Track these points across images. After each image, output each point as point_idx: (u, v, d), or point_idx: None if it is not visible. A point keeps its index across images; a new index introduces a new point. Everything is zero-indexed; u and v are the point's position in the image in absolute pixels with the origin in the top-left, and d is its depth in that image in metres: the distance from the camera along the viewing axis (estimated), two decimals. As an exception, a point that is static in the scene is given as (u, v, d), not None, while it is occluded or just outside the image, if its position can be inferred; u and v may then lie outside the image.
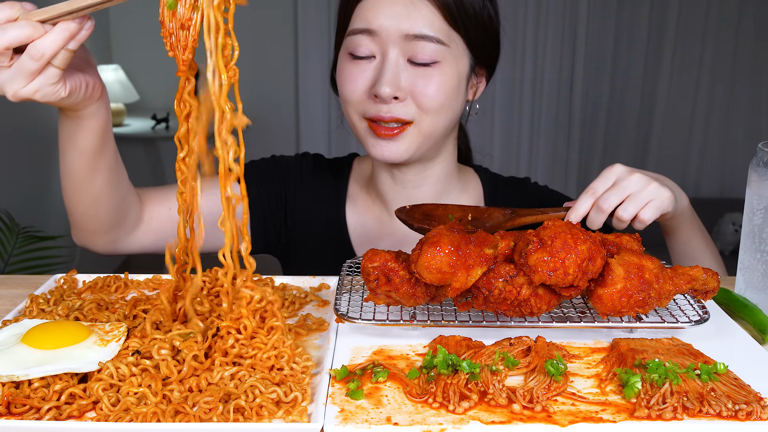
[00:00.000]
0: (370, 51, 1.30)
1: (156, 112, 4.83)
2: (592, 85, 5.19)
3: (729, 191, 5.30)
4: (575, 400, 0.88)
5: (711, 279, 1.05)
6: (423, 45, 1.27)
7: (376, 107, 1.30)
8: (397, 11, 1.26)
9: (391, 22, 1.26)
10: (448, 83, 1.31)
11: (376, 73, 1.29)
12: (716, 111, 5.20)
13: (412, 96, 1.30)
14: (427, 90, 1.29)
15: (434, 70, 1.29)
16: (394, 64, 1.28)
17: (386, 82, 1.27)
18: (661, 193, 1.19)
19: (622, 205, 1.18)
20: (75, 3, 0.92)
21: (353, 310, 1.07)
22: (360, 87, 1.31)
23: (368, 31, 1.28)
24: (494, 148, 5.27)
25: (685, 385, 0.87)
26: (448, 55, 1.30)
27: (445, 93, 1.31)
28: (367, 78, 1.31)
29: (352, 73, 1.32)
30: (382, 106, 1.30)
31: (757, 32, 5.03)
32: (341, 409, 0.85)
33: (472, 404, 0.85)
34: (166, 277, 1.25)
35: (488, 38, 1.37)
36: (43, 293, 1.16)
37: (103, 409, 0.84)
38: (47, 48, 0.93)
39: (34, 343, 0.93)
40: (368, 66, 1.31)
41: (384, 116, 1.30)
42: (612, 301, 0.97)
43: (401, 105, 1.30)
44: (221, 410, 0.82)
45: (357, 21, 1.30)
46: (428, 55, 1.27)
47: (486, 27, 1.36)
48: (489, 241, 0.99)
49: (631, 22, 5.06)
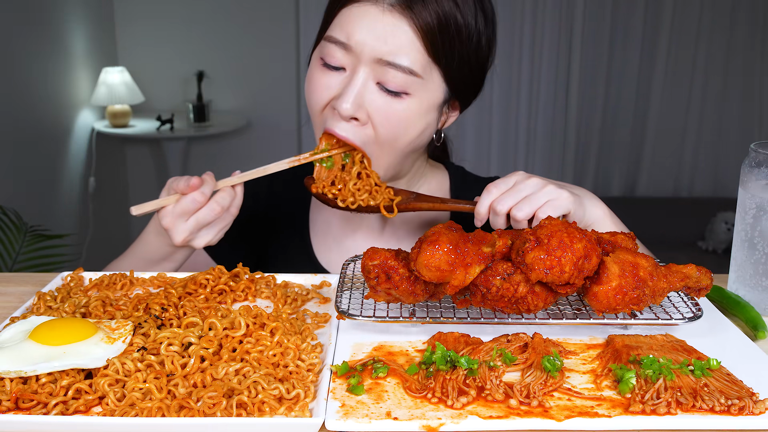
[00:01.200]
0: (341, 63, 1.22)
1: (161, 113, 4.83)
2: (587, 86, 5.18)
3: (722, 190, 5.30)
4: (571, 396, 0.88)
5: (704, 277, 1.05)
6: (394, 73, 1.18)
7: (334, 121, 1.24)
8: (378, 31, 1.17)
9: (368, 42, 1.18)
10: (412, 117, 1.23)
11: (342, 87, 1.22)
12: (709, 111, 5.20)
13: (371, 121, 1.23)
14: (387, 121, 1.22)
15: (401, 101, 1.21)
16: (361, 85, 1.20)
17: (348, 100, 1.20)
18: (559, 193, 1.17)
19: (516, 206, 1.16)
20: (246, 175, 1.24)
21: (354, 307, 1.07)
22: (324, 98, 1.24)
23: (343, 44, 1.20)
24: (491, 152, 5.26)
25: (678, 381, 0.87)
26: (420, 87, 1.21)
27: (405, 127, 1.23)
28: (332, 90, 1.23)
29: (320, 82, 1.24)
30: (340, 123, 1.23)
31: (750, 34, 5.02)
32: (342, 404, 0.85)
33: (470, 399, 0.85)
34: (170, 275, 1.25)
35: (471, 74, 1.29)
36: (50, 290, 1.16)
37: (108, 404, 0.84)
38: (239, 205, 1.24)
39: (41, 339, 0.93)
40: (336, 78, 1.23)
41: (338, 133, 1.24)
42: (607, 299, 0.97)
43: (359, 127, 1.23)
44: (224, 405, 0.82)
45: (336, 29, 1.22)
46: (398, 84, 1.19)
47: (471, 63, 1.27)
48: (487, 240, 0.99)
49: (626, 25, 5.06)
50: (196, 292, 1.15)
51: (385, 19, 1.17)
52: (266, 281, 1.22)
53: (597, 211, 1.24)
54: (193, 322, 1.00)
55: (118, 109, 4.60)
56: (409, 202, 1.28)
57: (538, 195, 1.17)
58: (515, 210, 1.17)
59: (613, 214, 1.27)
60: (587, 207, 1.23)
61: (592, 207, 1.24)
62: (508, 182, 1.20)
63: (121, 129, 4.63)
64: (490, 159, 5.23)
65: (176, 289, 1.14)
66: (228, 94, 5.17)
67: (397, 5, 1.17)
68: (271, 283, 1.23)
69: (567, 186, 1.23)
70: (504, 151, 5.30)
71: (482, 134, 5.22)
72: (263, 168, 1.25)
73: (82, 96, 4.57)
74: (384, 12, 1.17)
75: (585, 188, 1.28)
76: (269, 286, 1.21)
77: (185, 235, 1.19)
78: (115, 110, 4.60)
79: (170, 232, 1.19)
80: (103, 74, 4.52)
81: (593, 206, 1.24)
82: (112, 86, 4.49)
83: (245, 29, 5.06)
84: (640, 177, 5.27)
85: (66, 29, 4.34)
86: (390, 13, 1.17)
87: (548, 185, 1.18)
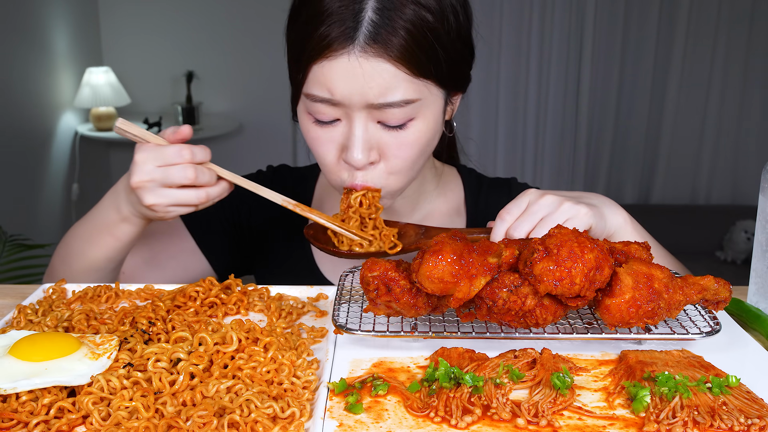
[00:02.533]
0: (333, 116, 1.21)
1: (148, 116, 4.84)
2: (599, 88, 5.19)
3: (741, 198, 5.29)
4: (582, 415, 0.88)
5: (722, 289, 1.05)
6: (392, 111, 1.17)
7: (350, 174, 1.24)
8: (359, 81, 1.15)
9: (354, 92, 1.16)
10: (423, 138, 1.23)
11: (345, 138, 1.21)
12: (728, 115, 5.20)
13: (382, 158, 1.23)
14: (399, 152, 1.22)
15: (407, 130, 1.21)
16: (363, 130, 1.19)
17: (357, 150, 1.19)
18: (577, 210, 1.16)
19: (535, 230, 1.15)
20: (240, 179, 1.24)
21: (352, 320, 1.07)
22: (331, 151, 1.24)
23: (329, 101, 1.18)
24: (498, 155, 5.26)
25: (695, 399, 0.87)
26: (421, 107, 1.20)
27: (419, 149, 1.24)
28: (336, 143, 1.23)
29: (320, 138, 1.24)
30: (356, 173, 1.23)
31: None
32: (340, 424, 0.85)
33: (476, 419, 0.85)
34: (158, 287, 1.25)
35: (462, 59, 1.27)
36: (31, 303, 1.16)
37: (93, 424, 0.84)
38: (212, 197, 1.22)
39: (21, 355, 0.93)
40: (335, 130, 1.22)
41: (357, 186, 1.24)
42: (620, 312, 0.98)
43: (374, 170, 1.24)
44: (215, 425, 0.82)
45: (314, 86, 1.18)
46: (399, 118, 1.19)
47: (459, 49, 1.25)
48: (493, 250, 1.00)
49: (640, 25, 5.07)
50: (185, 305, 1.15)
51: (361, 65, 1.14)
52: (259, 293, 1.23)
53: (618, 219, 1.24)
54: (182, 337, 1.00)
55: (102, 112, 4.61)
56: (418, 239, 1.27)
57: (555, 216, 1.15)
58: (534, 235, 1.15)
59: (633, 220, 1.26)
60: (607, 217, 1.22)
61: (612, 216, 1.23)
62: (521, 205, 1.18)
63: (106, 133, 4.64)
64: (496, 166, 5.24)
65: (164, 302, 1.14)
66: (219, 95, 5.18)
67: (366, 45, 1.14)
68: (265, 296, 1.23)
69: (583, 197, 1.22)
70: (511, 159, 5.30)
71: (488, 142, 5.22)
72: (257, 186, 1.24)
73: (65, 98, 4.58)
74: (356, 59, 1.14)
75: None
76: (262, 298, 1.22)
77: (146, 177, 1.17)
78: (100, 113, 4.61)
79: (135, 167, 1.18)
80: (87, 75, 4.53)
81: (613, 215, 1.23)
82: (97, 87, 4.51)
83: (237, 27, 5.07)
84: (654, 183, 5.27)
85: (47, 27, 4.36)
86: (363, 58, 1.14)
87: (564, 202, 1.16)
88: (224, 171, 1.22)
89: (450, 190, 1.54)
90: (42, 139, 4.35)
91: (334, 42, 1.14)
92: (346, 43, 1.14)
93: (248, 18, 5.05)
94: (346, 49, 1.14)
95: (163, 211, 1.20)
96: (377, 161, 1.23)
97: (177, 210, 1.21)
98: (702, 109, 5.18)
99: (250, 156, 5.21)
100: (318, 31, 1.16)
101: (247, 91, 5.21)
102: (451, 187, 1.54)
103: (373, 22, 1.14)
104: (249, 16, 5.05)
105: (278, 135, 5.23)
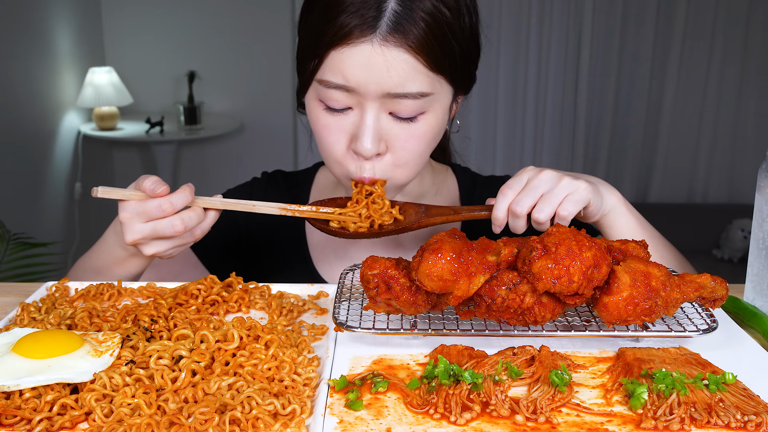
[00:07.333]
0: (345, 104, 1.21)
1: (150, 115, 4.84)
2: (597, 88, 5.19)
3: (738, 196, 5.29)
4: (580, 411, 0.88)
5: (719, 287, 1.05)
6: (406, 102, 1.18)
7: (358, 165, 1.24)
8: (378, 68, 1.15)
9: (371, 80, 1.16)
10: (431, 132, 1.24)
11: (356, 127, 1.21)
12: (724, 114, 5.19)
13: (390, 149, 1.23)
14: (407, 144, 1.23)
15: (418, 123, 1.22)
16: (376, 120, 1.20)
17: (368, 140, 1.19)
18: (576, 185, 1.18)
19: (536, 207, 1.17)
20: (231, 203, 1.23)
21: (352, 318, 1.07)
22: (341, 141, 1.24)
23: (344, 87, 1.18)
24: (497, 154, 5.26)
25: (692, 396, 0.87)
26: (433, 102, 1.21)
27: (427, 143, 1.25)
28: (346, 132, 1.23)
29: (329, 126, 1.23)
30: (364, 164, 1.23)
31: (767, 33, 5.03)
32: (340, 420, 0.85)
33: (474, 415, 0.85)
34: (160, 285, 1.25)
35: (471, 58, 1.28)
36: (35, 301, 1.16)
37: (96, 420, 0.84)
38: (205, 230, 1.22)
39: (25, 352, 0.93)
40: (345, 119, 1.22)
41: (365, 178, 1.24)
42: (618, 310, 0.98)
43: (381, 162, 1.24)
44: (217, 422, 0.82)
45: (330, 72, 1.18)
46: (411, 110, 1.20)
47: (470, 48, 1.26)
48: (492, 248, 1.00)
49: (638, 26, 5.06)
50: (187, 302, 1.15)
51: (382, 53, 1.15)
52: (260, 291, 1.23)
53: (612, 198, 1.26)
54: (183, 335, 1.00)
55: (105, 111, 4.61)
56: (420, 218, 1.26)
57: (556, 191, 1.17)
58: (536, 212, 1.17)
59: (626, 201, 1.29)
60: (604, 195, 1.25)
61: (608, 194, 1.26)
62: (521, 180, 1.20)
63: (109, 132, 4.64)
64: (495, 165, 5.23)
65: (166, 300, 1.14)
66: (220, 95, 5.18)
67: (388, 35, 1.14)
68: (266, 294, 1.23)
69: (581, 176, 1.24)
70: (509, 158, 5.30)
71: (487, 141, 5.22)
72: (251, 203, 1.23)
73: (68, 97, 4.58)
74: (378, 46, 1.14)
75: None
76: (264, 296, 1.22)
77: (138, 236, 1.16)
78: (102, 112, 4.60)
79: (124, 227, 1.17)
80: (90, 75, 4.53)
81: (609, 193, 1.26)
82: (99, 87, 4.50)
83: (239, 27, 5.07)
84: (652, 182, 5.27)
85: (51, 27, 4.36)
86: (384, 46, 1.14)
87: (563, 178, 1.18)
88: (210, 201, 1.21)
89: (445, 188, 1.54)
90: (45, 138, 4.35)
91: (356, 29, 1.15)
92: (367, 31, 1.14)
93: (250, 18, 5.05)
94: (367, 37, 1.15)
95: (167, 255, 1.22)
96: (384, 153, 1.24)
97: (179, 250, 1.23)
98: (699, 108, 5.18)
99: (251, 155, 5.21)
100: (339, 18, 1.16)
101: (249, 92, 5.20)
102: (447, 185, 1.55)
103: (395, 12, 1.14)
104: (251, 17, 5.04)
105: (279, 135, 5.23)
